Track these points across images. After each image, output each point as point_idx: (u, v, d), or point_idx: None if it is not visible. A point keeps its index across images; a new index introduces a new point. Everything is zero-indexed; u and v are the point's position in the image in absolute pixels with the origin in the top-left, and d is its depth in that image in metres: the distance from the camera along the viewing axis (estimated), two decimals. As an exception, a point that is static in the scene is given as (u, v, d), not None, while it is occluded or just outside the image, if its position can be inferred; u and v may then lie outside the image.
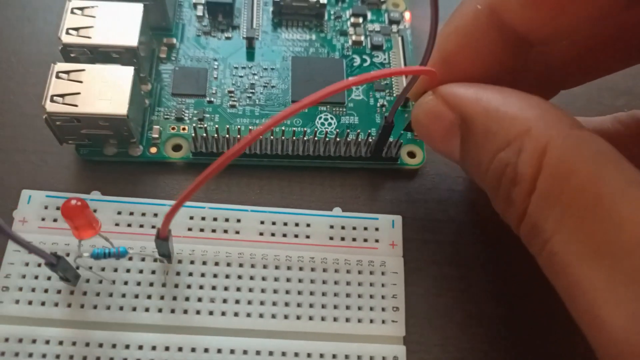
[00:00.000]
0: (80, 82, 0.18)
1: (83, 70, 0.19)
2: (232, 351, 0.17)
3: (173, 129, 0.21)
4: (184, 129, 0.21)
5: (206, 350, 0.17)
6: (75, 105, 0.18)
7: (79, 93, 0.18)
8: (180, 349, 0.17)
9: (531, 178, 0.13)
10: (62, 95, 0.18)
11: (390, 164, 0.21)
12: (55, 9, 0.24)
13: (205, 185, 0.21)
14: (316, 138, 0.20)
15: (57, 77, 0.18)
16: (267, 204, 0.20)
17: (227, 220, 0.19)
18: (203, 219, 0.19)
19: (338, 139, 0.21)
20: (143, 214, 0.19)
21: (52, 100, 0.18)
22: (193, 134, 0.20)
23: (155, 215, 0.19)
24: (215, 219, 0.19)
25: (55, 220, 0.19)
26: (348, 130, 0.21)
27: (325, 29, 0.24)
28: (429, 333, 0.19)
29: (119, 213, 0.19)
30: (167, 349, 0.17)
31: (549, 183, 0.13)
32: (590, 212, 0.12)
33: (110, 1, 0.20)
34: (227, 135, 0.20)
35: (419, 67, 0.15)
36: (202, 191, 0.21)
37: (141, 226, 0.19)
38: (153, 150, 0.21)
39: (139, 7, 0.20)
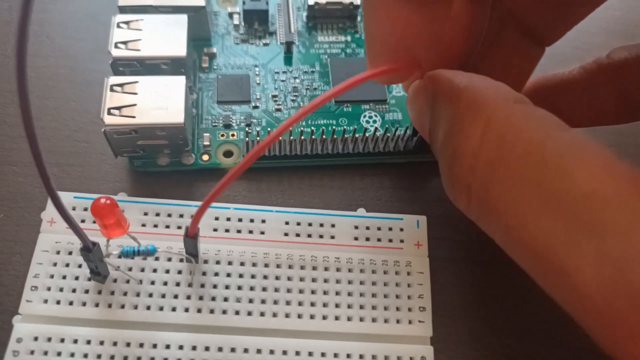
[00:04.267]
0: (135, 93, 0.19)
1: (136, 82, 0.19)
2: (258, 350, 0.17)
3: (222, 135, 0.21)
4: (232, 135, 0.21)
5: (233, 349, 0.17)
6: (133, 117, 0.18)
7: (134, 105, 0.19)
8: (207, 348, 0.17)
9: (471, 151, 0.13)
10: (118, 108, 0.18)
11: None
12: (91, 25, 0.24)
13: (228, 190, 0.21)
14: (366, 134, 0.21)
15: (112, 90, 0.19)
16: (290, 206, 0.20)
17: (252, 220, 0.19)
18: (228, 219, 0.19)
19: (387, 134, 0.21)
20: (169, 215, 0.19)
21: (109, 113, 0.18)
22: (246, 139, 0.20)
23: (181, 216, 0.19)
24: (240, 220, 0.19)
25: (83, 221, 0.19)
26: (397, 126, 0.21)
27: (359, 29, 0.25)
28: (455, 331, 0.19)
29: (145, 214, 0.19)
30: (194, 348, 0.17)
31: (493, 153, 0.12)
32: (538, 172, 0.11)
33: (154, 14, 0.20)
34: (279, 138, 0.20)
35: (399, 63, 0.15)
36: (227, 197, 0.21)
37: (167, 227, 0.19)
38: (205, 157, 0.21)
39: (184, 17, 0.21)
